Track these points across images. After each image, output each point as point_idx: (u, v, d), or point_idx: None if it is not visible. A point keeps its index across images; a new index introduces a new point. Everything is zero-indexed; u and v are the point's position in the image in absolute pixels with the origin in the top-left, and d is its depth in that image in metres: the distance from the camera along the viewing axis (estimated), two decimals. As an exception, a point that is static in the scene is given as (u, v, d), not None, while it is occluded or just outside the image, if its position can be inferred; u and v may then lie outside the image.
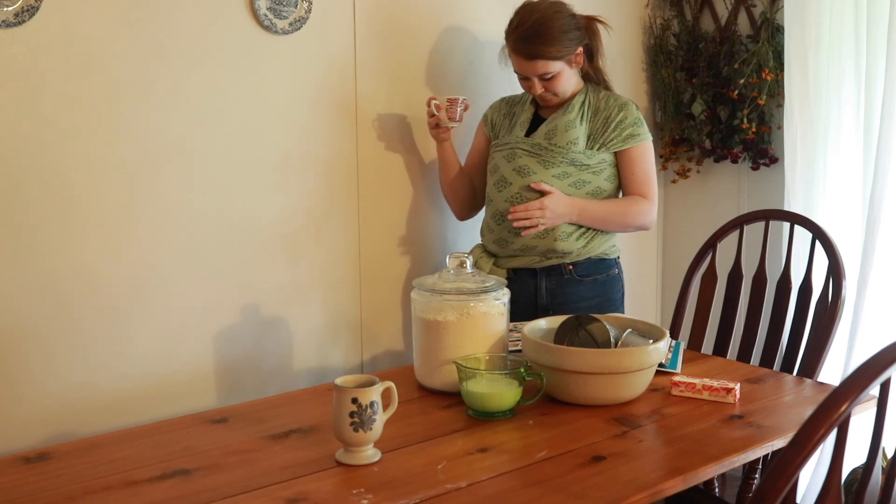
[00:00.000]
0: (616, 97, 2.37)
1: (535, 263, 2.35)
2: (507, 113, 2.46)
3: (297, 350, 2.42)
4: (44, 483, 1.42)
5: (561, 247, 2.32)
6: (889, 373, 1.07)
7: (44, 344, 2.00)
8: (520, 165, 2.32)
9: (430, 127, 2.41)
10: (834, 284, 2.13)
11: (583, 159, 2.31)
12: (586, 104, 2.35)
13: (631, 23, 3.10)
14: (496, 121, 2.47)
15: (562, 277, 2.35)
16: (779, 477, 1.03)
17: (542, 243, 2.32)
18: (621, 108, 2.34)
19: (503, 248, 2.36)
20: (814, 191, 2.66)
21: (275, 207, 2.32)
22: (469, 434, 1.63)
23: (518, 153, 2.34)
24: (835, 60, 2.58)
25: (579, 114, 2.33)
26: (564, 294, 2.35)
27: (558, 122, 2.33)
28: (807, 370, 2.12)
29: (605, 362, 1.71)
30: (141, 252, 2.11)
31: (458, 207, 2.55)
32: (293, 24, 2.28)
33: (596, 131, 2.33)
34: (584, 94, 2.36)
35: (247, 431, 1.65)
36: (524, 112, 2.41)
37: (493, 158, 2.41)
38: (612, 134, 2.32)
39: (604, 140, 2.32)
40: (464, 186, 2.50)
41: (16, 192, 1.93)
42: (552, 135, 2.32)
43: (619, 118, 2.33)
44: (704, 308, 2.39)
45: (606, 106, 2.35)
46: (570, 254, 2.33)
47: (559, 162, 2.30)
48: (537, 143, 2.33)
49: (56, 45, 1.95)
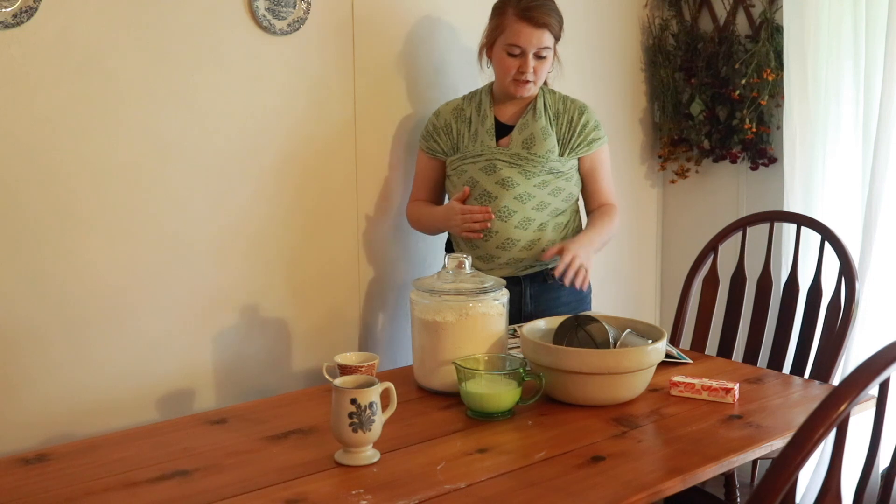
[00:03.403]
0: (571, 99, 2.38)
1: (520, 272, 2.34)
2: (460, 119, 2.38)
3: (297, 350, 2.42)
4: (43, 484, 1.42)
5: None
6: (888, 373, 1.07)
7: (43, 345, 2.00)
8: (502, 178, 2.28)
9: (467, 230, 2.27)
10: (847, 286, 2.12)
11: (559, 166, 2.31)
12: (547, 106, 2.35)
13: (629, 23, 3.10)
14: (452, 130, 2.37)
15: (544, 283, 2.35)
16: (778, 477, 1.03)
17: (529, 255, 2.32)
18: (582, 112, 2.35)
19: (489, 262, 2.33)
20: (813, 190, 2.66)
21: (274, 207, 2.32)
22: (468, 434, 1.63)
23: (497, 165, 2.29)
24: (834, 60, 2.58)
25: (546, 118, 2.33)
26: (547, 300, 2.35)
27: (534, 130, 2.30)
28: (821, 373, 2.10)
29: (604, 363, 1.70)
30: (139, 252, 2.11)
31: (435, 234, 2.52)
32: (292, 24, 2.28)
33: (564, 136, 2.33)
34: (541, 96, 2.35)
35: (246, 432, 1.65)
36: (486, 118, 2.34)
37: (464, 171, 2.33)
38: (579, 139, 2.33)
39: (572, 145, 2.33)
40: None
41: (13, 193, 1.93)
42: (530, 143, 2.30)
43: (583, 122, 2.33)
44: (706, 311, 2.38)
45: (566, 108, 2.35)
46: (555, 260, 2.34)
47: (539, 171, 2.29)
48: (517, 154, 2.29)
49: (54, 47, 1.94)
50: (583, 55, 2.97)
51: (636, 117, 3.17)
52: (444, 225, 2.37)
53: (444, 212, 2.35)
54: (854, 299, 2.10)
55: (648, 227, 3.29)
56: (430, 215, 2.41)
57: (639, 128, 3.19)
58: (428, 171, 2.44)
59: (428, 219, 2.43)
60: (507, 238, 2.29)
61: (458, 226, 2.29)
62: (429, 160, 2.43)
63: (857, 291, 2.11)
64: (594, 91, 3.01)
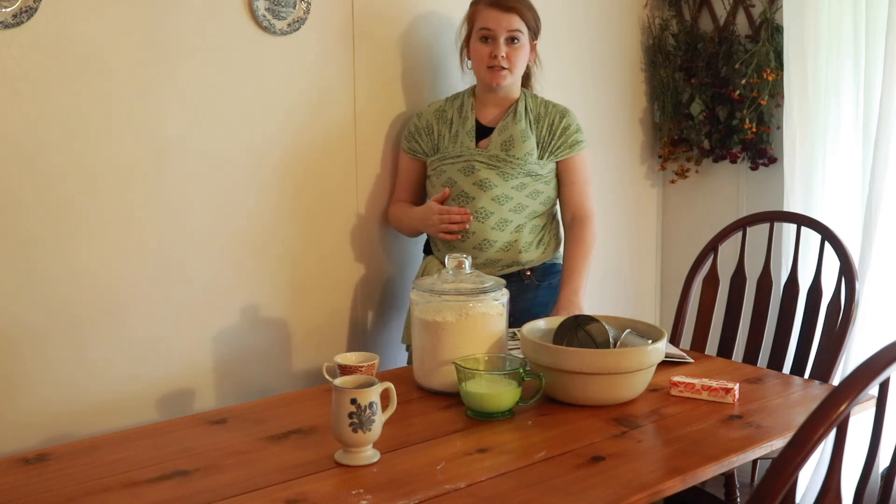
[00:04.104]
0: (553, 104, 2.39)
1: (497, 272, 2.34)
2: (441, 120, 2.39)
3: (297, 350, 2.42)
4: (43, 484, 1.42)
5: (525, 258, 2.34)
6: (888, 373, 1.07)
7: (41, 345, 1.99)
8: (480, 179, 2.30)
9: (444, 230, 2.28)
10: (847, 286, 2.12)
11: (537, 169, 2.32)
12: (528, 110, 2.36)
13: (629, 23, 3.10)
14: (433, 131, 2.39)
15: (522, 283, 2.35)
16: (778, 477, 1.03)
17: (506, 256, 2.32)
18: (563, 115, 2.36)
19: None
20: (813, 190, 2.66)
21: (274, 208, 2.32)
22: (468, 434, 1.63)
23: (476, 166, 2.31)
24: (834, 60, 2.58)
25: (527, 121, 2.34)
26: (525, 300, 2.34)
27: (513, 132, 2.32)
28: (821, 373, 2.10)
29: (604, 363, 1.70)
30: (138, 253, 2.11)
31: (414, 235, 2.52)
32: (292, 24, 2.28)
33: (543, 139, 2.34)
34: (523, 100, 2.37)
35: (246, 432, 1.65)
36: (467, 120, 2.36)
37: (443, 172, 2.35)
38: (559, 142, 2.34)
39: (552, 148, 2.33)
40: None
41: (12, 193, 1.93)
42: (509, 146, 2.31)
43: (563, 125, 2.34)
44: (706, 311, 2.38)
45: (547, 112, 2.36)
46: (532, 261, 2.35)
47: (517, 173, 2.30)
48: (495, 155, 2.31)
49: (54, 47, 1.94)
50: (583, 55, 2.97)
51: (636, 117, 3.17)
52: (421, 225, 2.38)
53: (421, 212, 2.36)
54: (854, 299, 2.10)
55: (648, 227, 3.29)
56: (409, 216, 2.42)
57: (639, 128, 3.19)
58: (409, 171, 2.45)
59: (407, 219, 2.43)
60: (483, 239, 2.30)
61: (435, 226, 2.30)
62: (410, 161, 2.44)
63: (857, 291, 2.11)
64: (594, 91, 3.01)
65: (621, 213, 3.17)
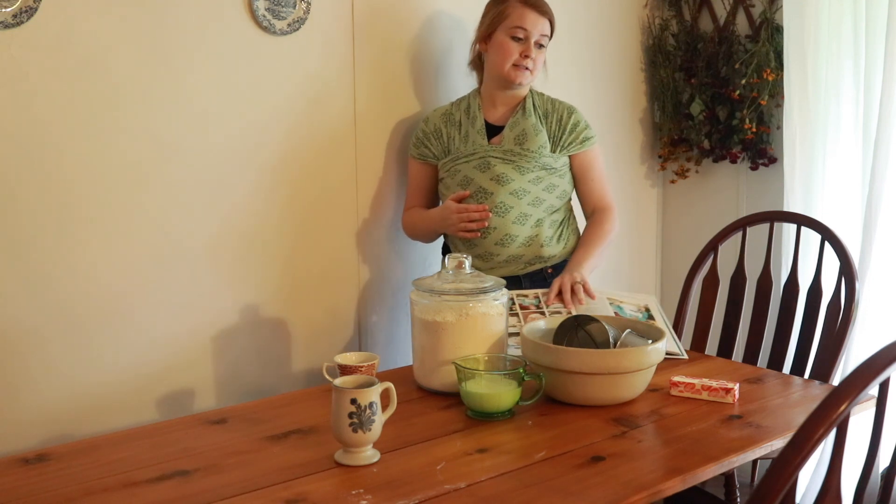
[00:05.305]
0: (559, 101, 2.41)
1: (520, 271, 2.34)
2: (449, 123, 2.40)
3: (297, 351, 2.42)
4: (43, 484, 1.42)
5: (547, 252, 2.33)
6: (888, 373, 1.07)
7: (42, 345, 2.00)
8: (497, 174, 2.30)
9: (463, 229, 2.28)
10: (847, 287, 2.12)
11: (551, 163, 2.33)
12: (535, 106, 2.37)
13: (629, 23, 3.10)
14: (443, 134, 2.39)
15: (545, 282, 2.35)
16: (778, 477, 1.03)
17: (528, 251, 2.32)
18: (571, 112, 2.38)
19: (487, 261, 2.33)
20: (813, 190, 2.66)
21: (274, 207, 2.32)
22: (468, 434, 1.63)
23: (491, 161, 2.31)
24: (834, 60, 2.58)
25: (536, 116, 2.35)
26: None
27: (525, 127, 2.33)
28: (821, 373, 2.10)
29: (604, 363, 1.71)
30: (139, 252, 2.11)
31: (432, 239, 2.51)
32: (292, 24, 2.28)
33: (554, 134, 2.35)
34: (529, 98, 2.39)
35: (246, 432, 1.65)
36: (476, 119, 2.37)
37: (458, 171, 2.35)
38: (570, 137, 2.35)
39: (563, 143, 2.35)
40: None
41: (12, 193, 1.93)
42: (523, 139, 2.32)
43: (573, 121, 2.36)
44: (706, 311, 2.38)
45: (554, 108, 2.38)
46: (553, 257, 2.34)
47: (533, 167, 2.31)
48: (510, 150, 2.31)
49: (54, 47, 1.94)
50: (583, 55, 2.97)
51: (636, 117, 3.17)
52: (440, 226, 2.37)
53: (439, 213, 2.35)
54: (854, 299, 2.10)
55: (648, 227, 3.29)
56: (426, 219, 2.41)
57: (639, 128, 3.19)
58: (420, 177, 2.45)
59: (424, 223, 2.42)
60: (505, 234, 2.30)
61: (454, 225, 2.29)
62: (421, 166, 2.44)
63: (857, 291, 2.11)
64: (594, 91, 3.01)
65: (621, 213, 3.13)
